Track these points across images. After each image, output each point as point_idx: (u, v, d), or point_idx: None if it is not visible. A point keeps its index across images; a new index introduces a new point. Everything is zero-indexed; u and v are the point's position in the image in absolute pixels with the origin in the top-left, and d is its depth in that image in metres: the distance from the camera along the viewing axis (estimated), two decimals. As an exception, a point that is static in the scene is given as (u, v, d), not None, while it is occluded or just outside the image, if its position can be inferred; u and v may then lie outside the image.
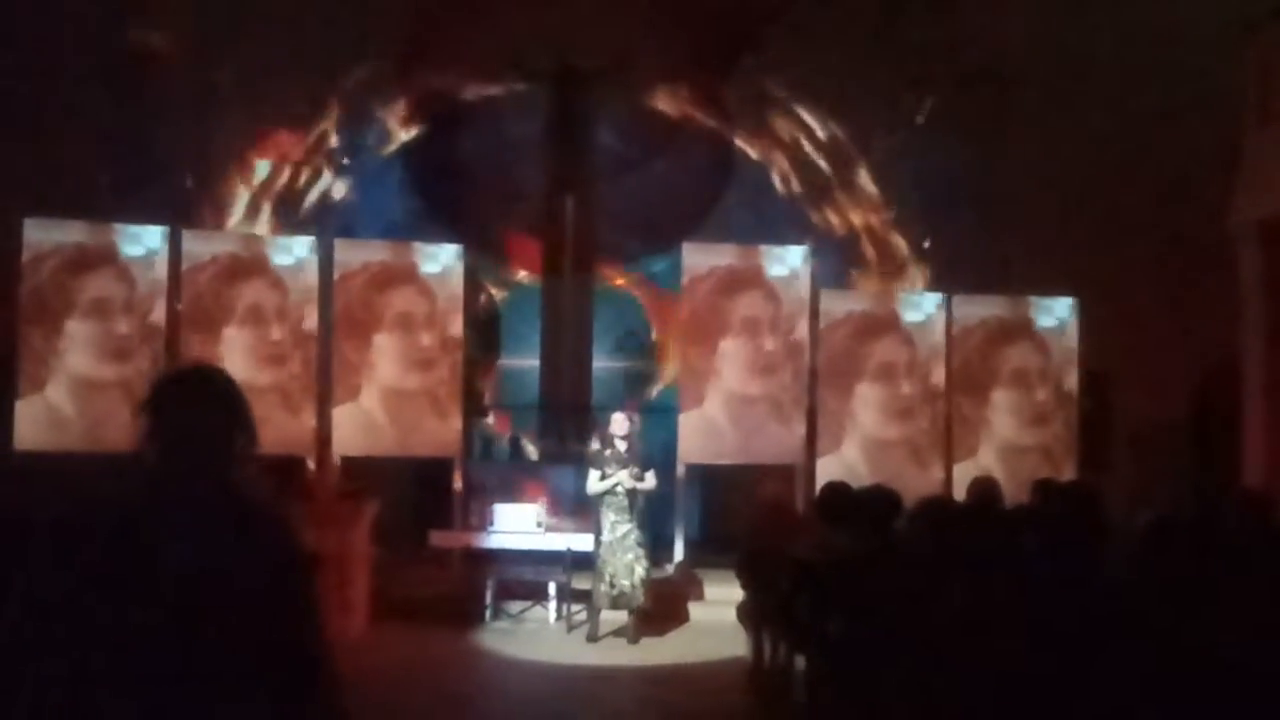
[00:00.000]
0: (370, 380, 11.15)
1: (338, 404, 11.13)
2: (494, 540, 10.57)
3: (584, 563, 10.14)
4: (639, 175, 14.04)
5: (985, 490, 7.24)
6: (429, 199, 14.16)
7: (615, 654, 9.57)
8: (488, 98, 14.20)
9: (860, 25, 13.31)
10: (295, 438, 10.90)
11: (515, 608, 10.68)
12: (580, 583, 10.25)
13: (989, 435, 11.41)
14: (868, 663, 5.36)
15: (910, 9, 13.28)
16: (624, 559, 9.73)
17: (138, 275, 10.76)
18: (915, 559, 5.48)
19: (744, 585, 8.45)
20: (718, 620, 9.88)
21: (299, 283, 11.12)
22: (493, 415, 13.36)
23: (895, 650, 4.98)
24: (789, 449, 11.34)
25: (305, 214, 13.92)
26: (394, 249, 11.50)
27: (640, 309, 15.01)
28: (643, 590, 9.76)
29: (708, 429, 11.39)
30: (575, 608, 10.29)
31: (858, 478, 8.71)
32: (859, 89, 13.57)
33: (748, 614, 8.30)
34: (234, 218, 13.36)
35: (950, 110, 13.10)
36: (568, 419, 13.00)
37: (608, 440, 9.97)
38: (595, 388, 13.71)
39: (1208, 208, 11.20)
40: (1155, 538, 4.01)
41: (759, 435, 11.34)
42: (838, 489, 7.39)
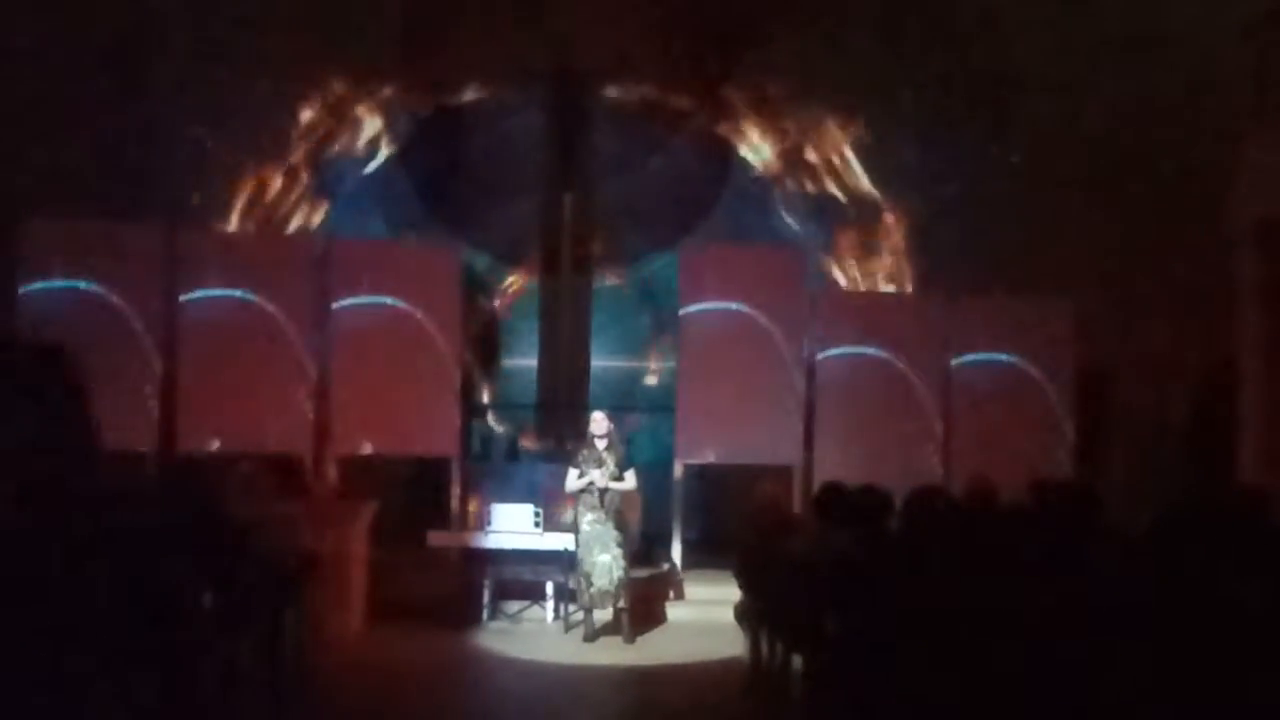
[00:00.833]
0: (368, 380, 11.14)
1: (335, 403, 11.11)
2: (491, 540, 10.58)
3: (579, 563, 10.16)
4: (638, 175, 14.03)
5: (981, 489, 7.24)
6: (428, 198, 14.15)
7: (612, 654, 9.58)
8: (487, 97, 14.18)
9: (862, 23, 13.30)
10: (293, 437, 10.89)
11: (513, 607, 10.68)
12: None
13: (983, 433, 11.38)
14: (865, 662, 5.36)
15: (912, 7, 13.29)
16: (600, 558, 9.76)
17: (139, 274, 10.74)
18: (911, 558, 5.49)
19: (741, 585, 8.45)
20: (701, 620, 9.95)
21: (297, 279, 11.09)
22: (491, 415, 13.35)
23: (893, 650, 4.98)
24: (786, 449, 11.34)
25: (303, 212, 13.90)
26: (392, 247, 11.49)
27: (638, 308, 15.00)
28: (621, 590, 9.79)
29: (705, 429, 11.38)
30: (573, 607, 10.30)
31: (855, 477, 8.69)
32: (859, 87, 13.56)
33: (745, 613, 8.30)
34: (233, 216, 13.32)
35: (950, 108, 13.08)
36: (566, 419, 12.99)
37: (587, 439, 10.03)
38: (594, 387, 13.70)
39: (1207, 207, 11.20)
40: (1158, 535, 4.01)
41: (756, 435, 11.33)
42: (835, 489, 7.40)
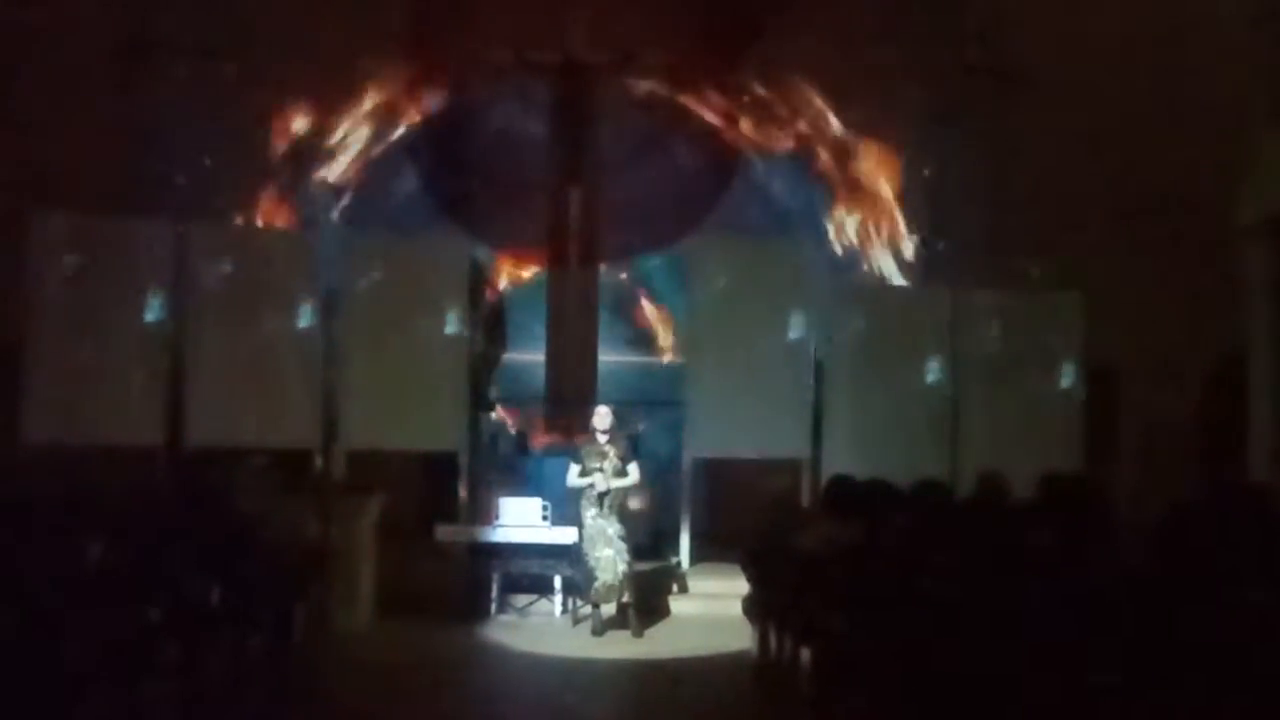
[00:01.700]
0: (376, 374, 11.13)
1: (344, 397, 11.11)
2: (499, 534, 10.59)
3: (587, 557, 10.17)
4: (644, 169, 14.01)
5: (991, 483, 7.23)
6: (434, 192, 14.14)
7: (620, 648, 9.59)
8: (493, 90, 14.17)
9: (869, 17, 13.28)
10: (302, 432, 10.89)
11: (521, 601, 10.69)
12: (585, 576, 10.28)
13: (995, 429, 11.36)
14: (873, 656, 5.36)
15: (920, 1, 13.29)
16: (604, 553, 9.79)
17: (145, 268, 10.74)
18: (918, 551, 5.49)
19: (750, 579, 8.46)
20: (705, 613, 9.97)
21: (305, 275, 11.09)
22: (499, 409, 13.35)
23: (900, 643, 4.99)
24: (795, 442, 11.32)
25: (311, 207, 13.91)
26: (399, 241, 11.48)
27: (646, 302, 14.98)
28: (624, 584, 9.81)
29: (714, 423, 11.37)
30: (580, 601, 10.31)
31: (863, 471, 8.68)
32: (867, 81, 13.54)
33: (754, 607, 8.31)
34: (241, 210, 13.33)
35: (958, 103, 13.06)
36: (574, 413, 12.98)
37: (590, 433, 10.06)
38: (601, 381, 13.69)
39: (1216, 203, 11.18)
40: (1165, 532, 4.01)
41: (765, 429, 11.32)
42: (843, 482, 7.41)
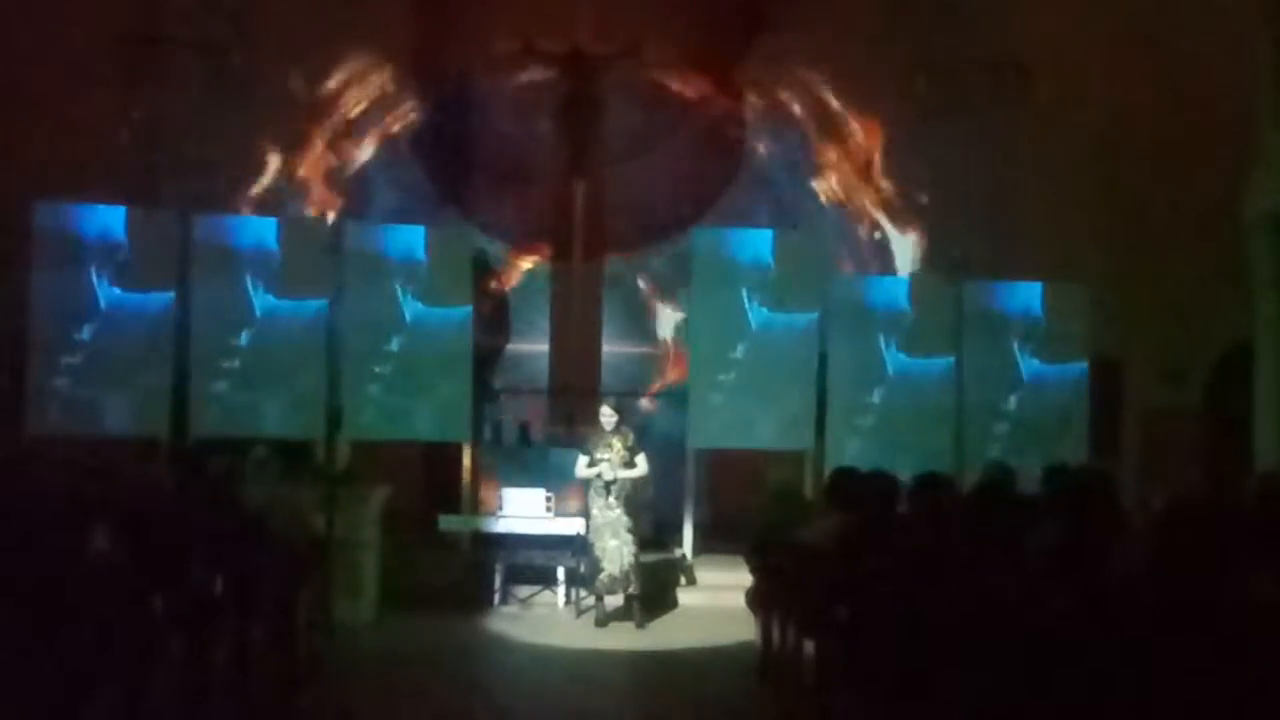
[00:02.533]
0: (381, 364, 11.11)
1: (347, 388, 11.09)
2: (503, 525, 10.60)
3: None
4: (650, 160, 13.99)
5: (997, 475, 7.23)
6: (440, 183, 14.13)
7: (623, 638, 9.59)
8: (499, 82, 14.16)
9: (874, 9, 13.27)
10: (305, 423, 10.88)
11: (524, 592, 10.69)
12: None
13: (1002, 421, 11.34)
14: (876, 648, 5.35)
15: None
16: (611, 543, 9.80)
17: (150, 259, 10.72)
18: (922, 544, 5.48)
19: (753, 570, 8.45)
20: (712, 605, 9.95)
21: (308, 265, 11.07)
22: (502, 399, 13.35)
23: (904, 635, 4.97)
24: (799, 434, 11.30)
25: (315, 197, 13.90)
26: (403, 232, 11.44)
27: (649, 294, 14.96)
28: (631, 575, 9.81)
29: (717, 414, 11.35)
30: (583, 592, 10.31)
31: (867, 463, 8.67)
32: (873, 73, 13.53)
33: (757, 599, 8.30)
34: (246, 200, 13.32)
35: (964, 96, 13.03)
36: (577, 404, 12.98)
37: (597, 427, 10.08)
38: (604, 373, 13.69)
39: (1221, 196, 11.16)
40: (1172, 523, 3.99)
41: (769, 420, 11.30)
42: (847, 474, 7.40)
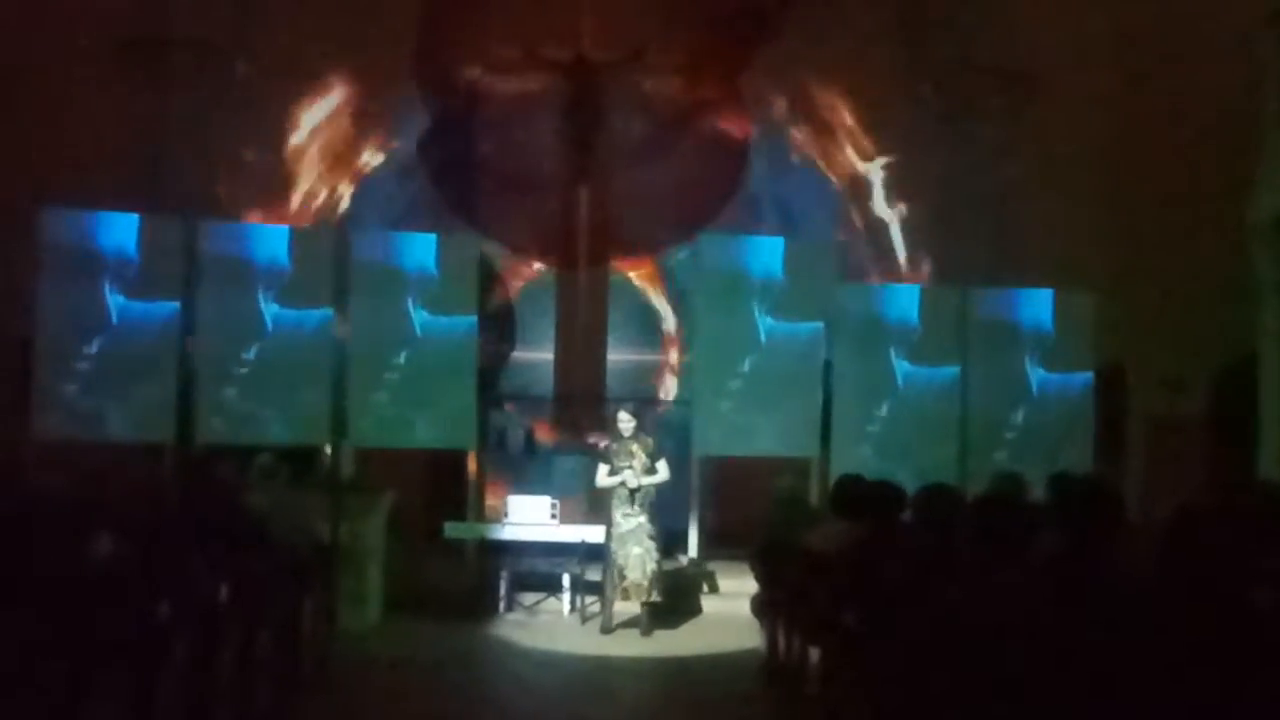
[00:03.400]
0: (386, 371, 11.13)
1: (352, 395, 11.11)
2: (508, 531, 10.60)
3: (598, 554, 10.16)
4: (655, 167, 14.00)
5: (1005, 485, 7.22)
6: (444, 189, 14.14)
7: (628, 645, 9.59)
8: (503, 89, 14.17)
9: (880, 17, 13.29)
10: (311, 429, 10.90)
11: (529, 599, 10.69)
12: (595, 574, 10.26)
13: (1008, 429, 11.33)
14: (881, 655, 5.35)
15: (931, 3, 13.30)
16: (633, 551, 9.77)
17: (157, 266, 10.75)
18: (926, 552, 5.48)
19: (758, 578, 8.45)
20: (732, 613, 9.89)
21: (314, 272, 11.09)
22: (507, 406, 13.36)
23: (908, 643, 4.98)
24: (804, 442, 11.30)
25: (320, 204, 13.93)
26: (408, 239, 11.46)
27: (655, 301, 14.96)
28: (654, 583, 9.79)
29: (722, 421, 11.35)
30: (589, 599, 10.31)
31: (873, 471, 8.67)
32: (878, 79, 13.55)
33: (762, 607, 8.31)
34: (251, 206, 13.34)
35: (970, 103, 13.05)
36: (582, 411, 12.99)
37: (615, 434, 10.05)
38: (609, 379, 13.69)
39: (1225, 203, 11.17)
40: (1176, 532, 3.99)
41: (774, 427, 11.30)
42: (852, 482, 7.40)
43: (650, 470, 9.88)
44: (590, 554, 10.27)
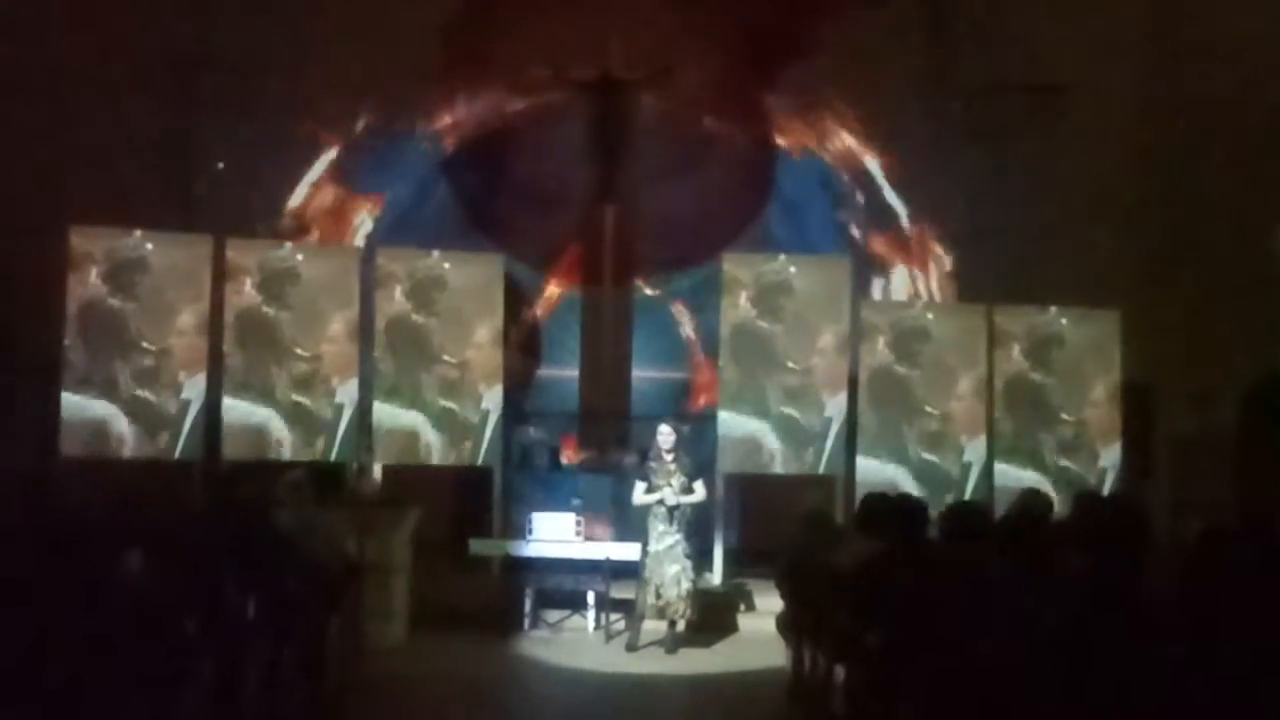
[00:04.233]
0: (412, 389, 11.18)
1: (378, 412, 11.15)
2: (533, 549, 10.60)
3: (623, 572, 10.15)
4: (681, 186, 14.02)
5: (1032, 502, 7.19)
6: (471, 207, 14.21)
7: (654, 663, 9.57)
8: (530, 107, 14.24)
9: (907, 34, 13.30)
10: (337, 446, 10.95)
11: (554, 616, 10.69)
12: (619, 592, 10.25)
13: (1032, 447, 11.29)
14: (907, 674, 5.34)
15: (957, 21, 13.29)
16: (670, 570, 9.73)
17: (182, 284, 10.82)
18: (952, 570, 5.47)
19: (784, 596, 8.44)
20: (768, 631, 9.89)
21: (341, 292, 11.15)
22: (532, 424, 13.38)
23: (934, 661, 4.97)
24: (829, 459, 11.28)
25: (349, 224, 14.02)
26: (435, 257, 11.51)
27: (680, 319, 14.98)
28: (689, 602, 9.76)
29: (747, 439, 11.35)
30: (614, 617, 10.29)
31: (899, 489, 8.66)
32: (904, 98, 13.55)
33: (787, 625, 8.29)
34: (278, 226, 13.43)
35: (997, 120, 13.04)
36: (607, 429, 13.00)
37: (655, 452, 9.98)
38: (634, 398, 13.70)
39: (1256, 220, 11.13)
40: (1204, 551, 3.98)
41: (799, 446, 11.29)
42: (878, 499, 7.38)
43: (687, 490, 9.83)
44: (615, 571, 10.26)
